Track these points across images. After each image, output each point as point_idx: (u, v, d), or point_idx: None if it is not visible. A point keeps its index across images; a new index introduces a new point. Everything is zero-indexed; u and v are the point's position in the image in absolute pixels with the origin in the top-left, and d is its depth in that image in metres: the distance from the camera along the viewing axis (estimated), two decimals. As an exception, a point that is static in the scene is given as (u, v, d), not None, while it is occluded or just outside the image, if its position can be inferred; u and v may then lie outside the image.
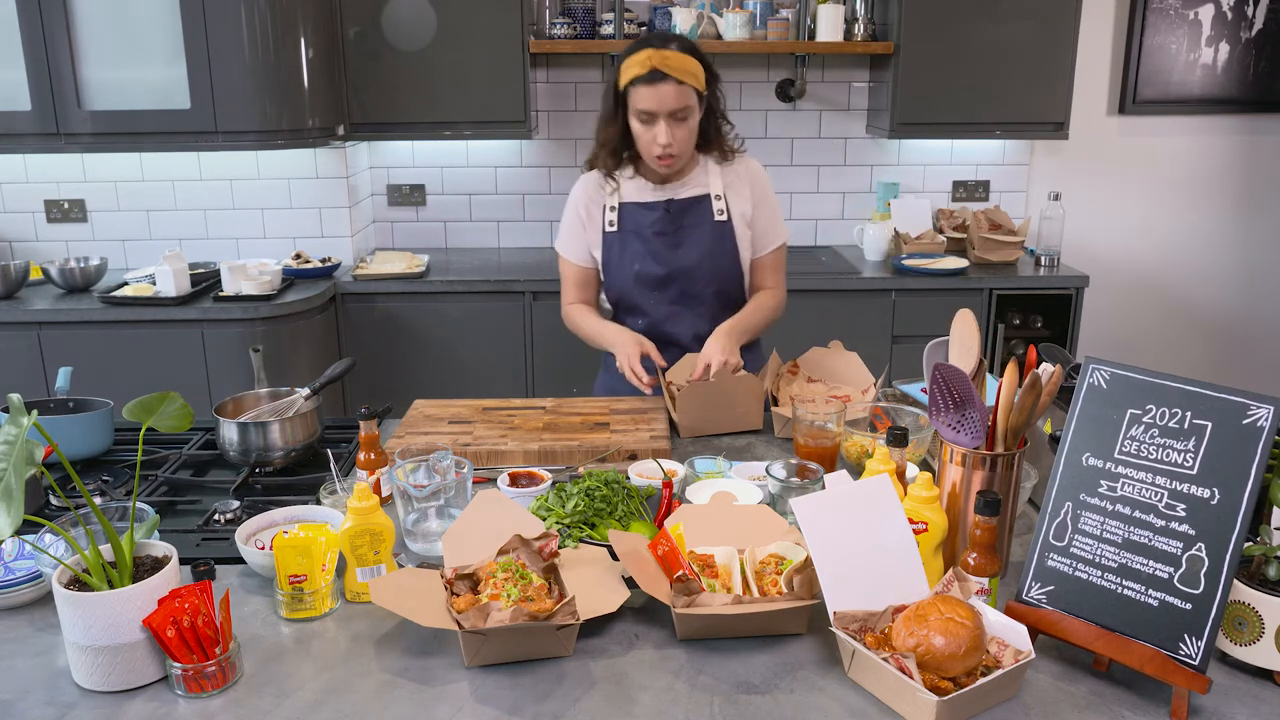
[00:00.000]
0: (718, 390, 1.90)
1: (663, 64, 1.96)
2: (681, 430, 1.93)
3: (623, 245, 2.15)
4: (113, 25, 3.07)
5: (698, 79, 2.01)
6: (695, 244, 2.13)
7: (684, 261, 2.13)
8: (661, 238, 2.12)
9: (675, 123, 2.01)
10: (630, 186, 2.16)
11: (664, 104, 1.99)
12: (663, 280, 2.14)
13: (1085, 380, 1.22)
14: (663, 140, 2.01)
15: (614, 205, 2.15)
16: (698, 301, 2.16)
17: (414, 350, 3.44)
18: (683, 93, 1.99)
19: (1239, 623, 1.15)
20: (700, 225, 2.13)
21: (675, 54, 1.99)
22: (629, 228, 2.14)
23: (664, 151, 2.03)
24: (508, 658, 1.20)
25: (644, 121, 2.03)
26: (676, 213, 2.13)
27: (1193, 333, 4.24)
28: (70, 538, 1.17)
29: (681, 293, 2.15)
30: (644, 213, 2.14)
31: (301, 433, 1.79)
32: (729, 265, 2.16)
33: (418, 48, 3.41)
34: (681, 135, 2.03)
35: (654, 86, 1.98)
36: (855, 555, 1.22)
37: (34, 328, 3.08)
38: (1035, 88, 3.56)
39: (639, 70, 1.98)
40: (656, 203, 2.14)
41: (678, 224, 2.13)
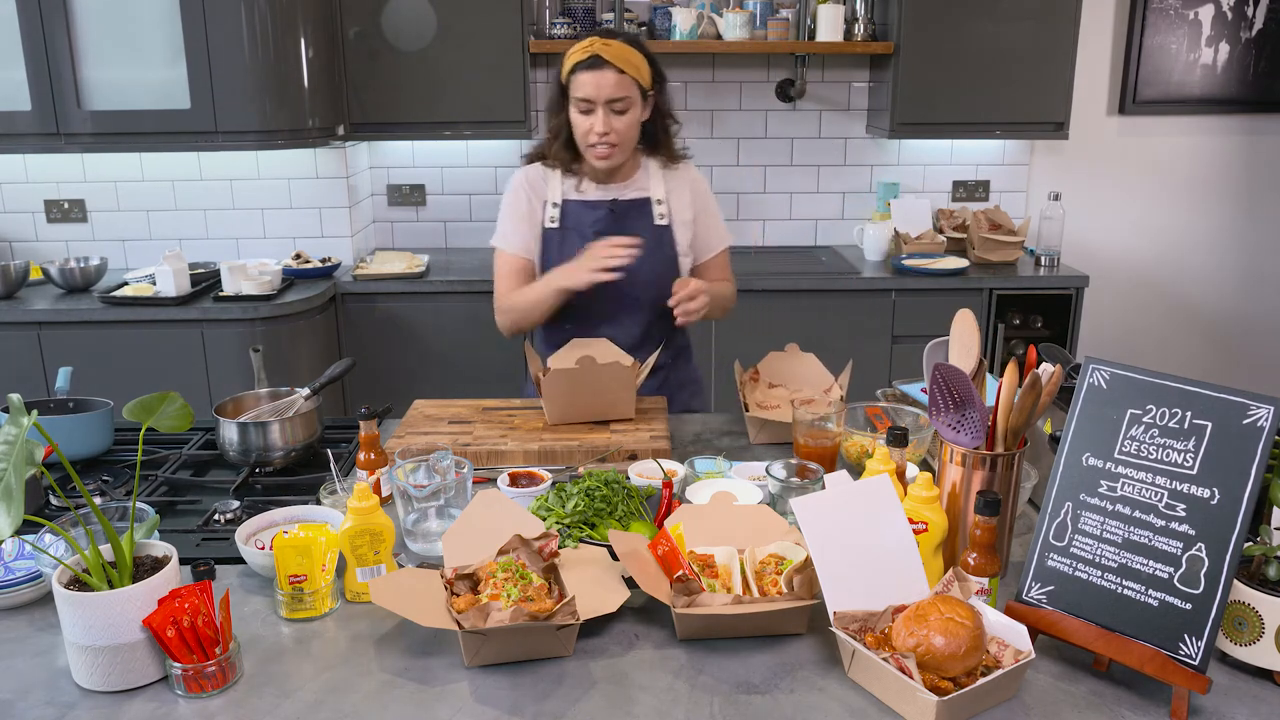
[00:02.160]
0: (585, 378, 1.86)
1: (603, 50, 1.96)
2: (549, 417, 1.89)
3: (562, 242, 2.11)
4: (113, 25, 3.07)
5: (640, 72, 1.99)
6: None
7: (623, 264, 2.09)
8: (602, 238, 2.05)
9: (613, 113, 1.99)
10: (572, 184, 2.13)
11: (602, 91, 1.96)
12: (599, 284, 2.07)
13: (1085, 380, 1.22)
14: (599, 128, 1.98)
15: (556, 201, 2.11)
16: (634, 305, 2.13)
17: (414, 350, 3.44)
18: (622, 82, 1.97)
19: (1239, 623, 1.15)
20: (641, 228, 2.11)
21: (618, 44, 1.98)
22: (570, 225, 2.10)
23: (599, 140, 2.00)
24: (508, 658, 1.20)
25: (583, 110, 2.00)
26: (620, 214, 2.11)
27: (1193, 333, 4.24)
28: (70, 538, 1.17)
29: (619, 294, 2.09)
30: (587, 211, 2.11)
31: (301, 433, 1.79)
32: (667, 270, 2.14)
33: (418, 48, 3.41)
34: (620, 127, 2.00)
35: (593, 72, 1.96)
36: (855, 555, 1.22)
37: (34, 328, 3.08)
38: (1035, 88, 3.56)
39: (580, 56, 1.97)
40: (601, 202, 2.11)
41: (620, 225, 2.10)
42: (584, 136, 2.02)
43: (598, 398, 1.88)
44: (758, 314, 3.45)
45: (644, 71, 2.01)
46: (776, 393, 2.04)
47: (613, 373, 1.87)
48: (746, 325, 3.45)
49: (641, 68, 2.00)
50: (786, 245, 4.02)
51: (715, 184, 3.96)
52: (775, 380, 2.07)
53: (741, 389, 2.01)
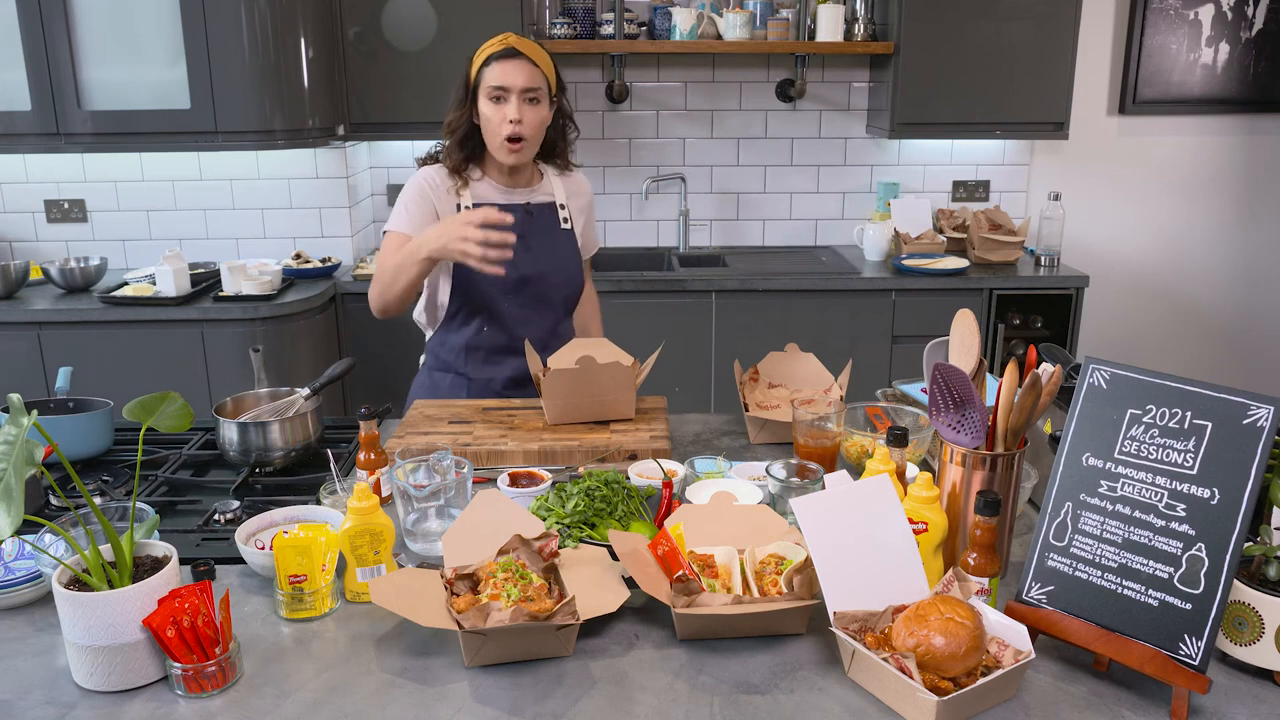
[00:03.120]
0: (585, 378, 1.86)
1: (518, 43, 2.00)
2: (549, 417, 1.89)
3: None
4: (113, 25, 3.07)
5: (550, 72, 2.05)
6: (548, 250, 2.14)
7: (539, 266, 2.11)
8: (520, 240, 2.03)
9: (526, 102, 2.00)
10: (480, 187, 2.11)
11: (517, 80, 1.98)
12: (518, 283, 2.09)
13: (1085, 380, 1.22)
14: (513, 115, 1.98)
15: (468, 205, 2.07)
16: (548, 306, 2.16)
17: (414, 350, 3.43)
18: (535, 74, 2.00)
19: (1239, 623, 1.15)
20: (551, 232, 2.15)
21: (530, 40, 2.03)
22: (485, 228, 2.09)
23: (514, 131, 1.99)
24: (508, 658, 1.20)
25: (495, 100, 2.00)
26: (535, 216, 2.13)
27: (1193, 332, 4.24)
28: (70, 538, 1.17)
29: (533, 296, 2.13)
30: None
31: (301, 433, 1.79)
32: (574, 272, 2.21)
33: (418, 48, 3.41)
34: (530, 118, 2.01)
35: (508, 62, 1.99)
36: (855, 555, 1.22)
37: (34, 328, 3.09)
38: (1035, 88, 3.56)
39: (495, 48, 2.01)
40: (514, 205, 2.10)
41: (534, 228, 2.12)
42: (497, 127, 2.01)
43: (597, 398, 1.88)
44: (758, 314, 3.45)
45: (552, 73, 2.06)
46: (776, 393, 2.04)
47: (612, 373, 1.87)
48: (746, 325, 3.46)
49: (551, 68, 2.06)
50: (786, 245, 4.02)
51: (715, 184, 3.97)
52: (775, 380, 2.07)
53: (741, 389, 2.01)
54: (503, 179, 2.13)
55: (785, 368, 2.08)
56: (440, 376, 2.21)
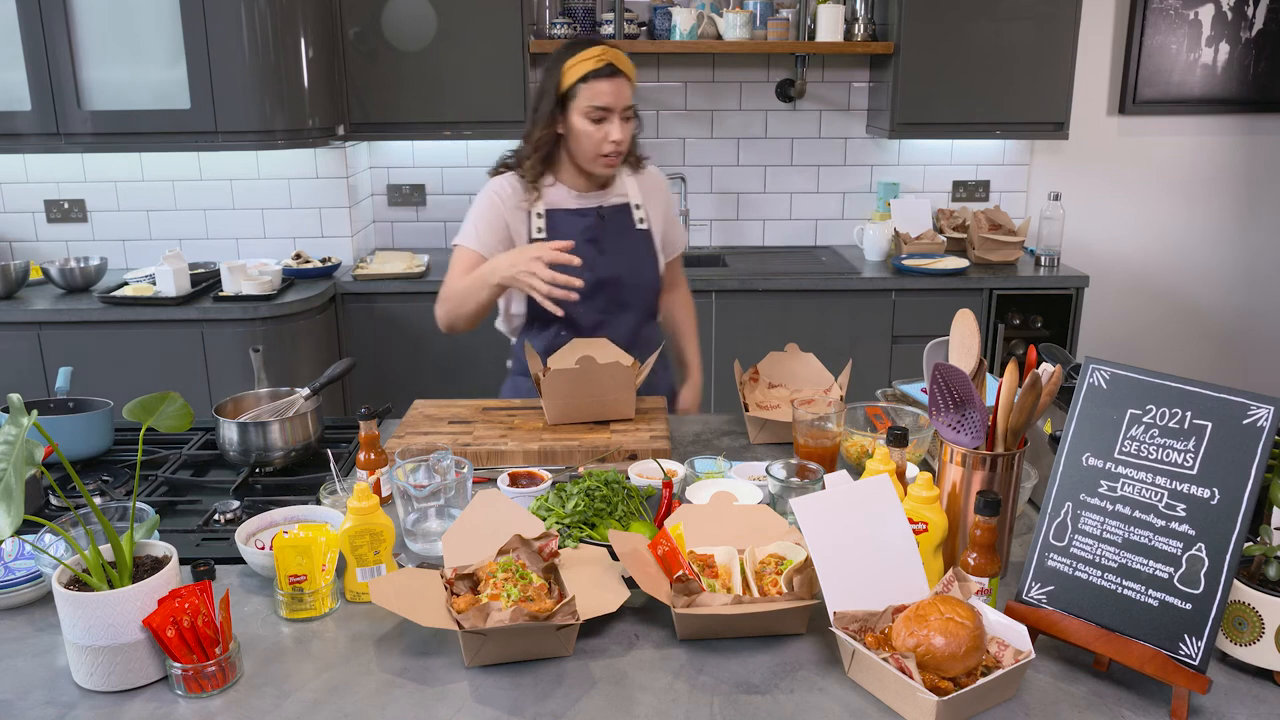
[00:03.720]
0: (585, 378, 1.86)
1: (617, 60, 1.99)
2: (549, 417, 1.89)
3: None
4: (113, 25, 3.07)
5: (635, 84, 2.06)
6: (623, 252, 2.13)
7: (613, 270, 2.10)
8: (592, 245, 2.07)
9: (623, 120, 2.02)
10: (553, 194, 2.11)
11: (620, 99, 1.99)
12: (594, 287, 2.07)
13: (1085, 380, 1.22)
14: (616, 136, 2.00)
15: (540, 212, 2.08)
16: (623, 310, 2.14)
17: (414, 350, 3.44)
18: (631, 90, 2.03)
19: (1239, 623, 1.15)
20: (626, 234, 2.14)
21: (621, 53, 2.01)
22: (560, 234, 2.07)
23: (615, 150, 2.02)
24: (508, 658, 1.20)
25: (596, 120, 1.99)
26: (608, 219, 2.12)
27: (1193, 332, 4.24)
28: (70, 538, 1.17)
29: (609, 301, 2.11)
30: (575, 220, 2.09)
31: (301, 433, 1.79)
32: (651, 273, 2.18)
33: (418, 48, 3.40)
34: (629, 135, 2.05)
35: (611, 81, 1.98)
36: (855, 555, 1.22)
37: (34, 328, 3.08)
38: (1035, 88, 3.56)
39: (594, 65, 1.97)
40: (588, 209, 2.11)
41: (609, 231, 2.12)
42: (597, 145, 2.01)
43: (598, 398, 1.88)
44: (758, 314, 3.45)
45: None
46: (776, 393, 2.04)
47: (613, 373, 1.87)
48: (746, 325, 3.45)
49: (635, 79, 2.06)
50: (786, 245, 4.02)
51: (715, 184, 3.97)
52: (775, 380, 2.07)
53: (741, 389, 2.02)
54: (578, 184, 2.11)
55: (785, 368, 2.08)
56: (521, 380, 2.20)
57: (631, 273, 2.14)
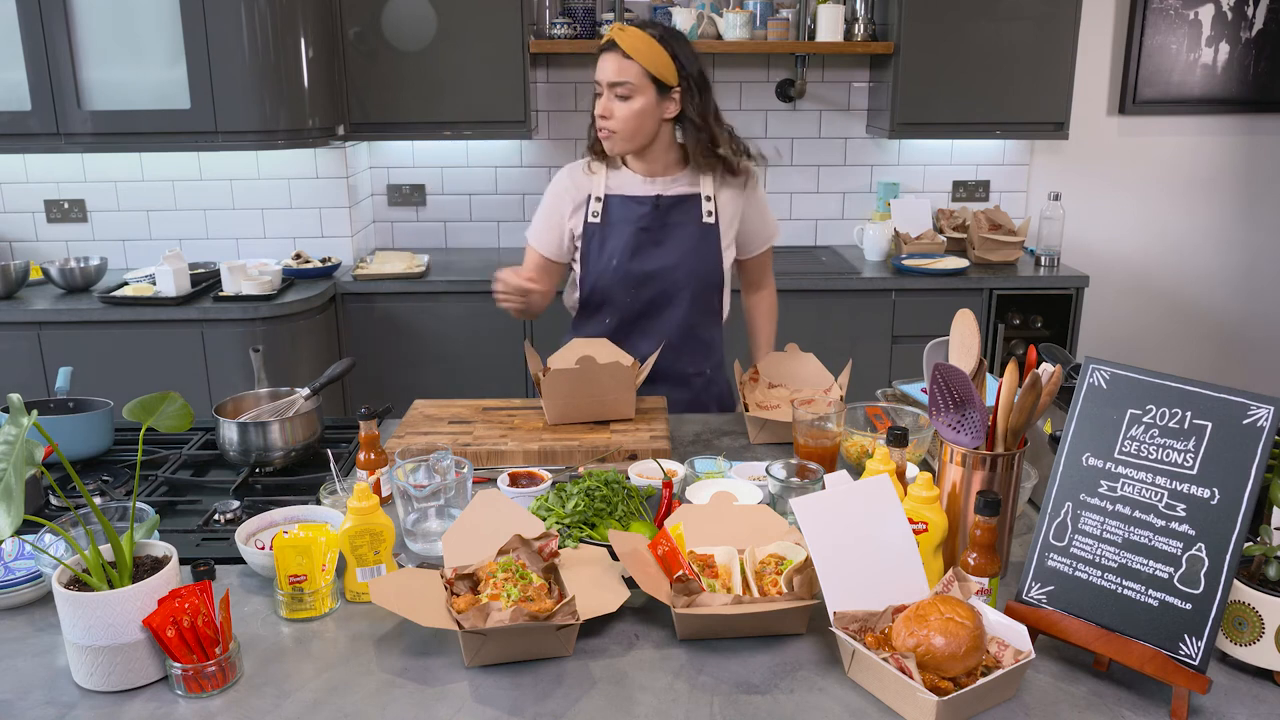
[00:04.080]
0: (584, 378, 1.86)
1: (617, 35, 1.97)
2: (549, 417, 1.89)
3: (604, 237, 2.09)
4: (113, 25, 3.07)
5: (653, 63, 1.95)
6: (679, 243, 2.09)
7: (665, 260, 2.08)
8: (645, 233, 2.06)
9: (616, 98, 1.98)
10: (618, 179, 2.11)
11: (604, 74, 1.98)
12: (641, 277, 2.08)
13: (1085, 380, 1.22)
14: (600, 110, 2.00)
15: (599, 196, 2.09)
16: (673, 302, 2.11)
17: (414, 350, 3.44)
18: (625, 67, 1.96)
19: (1239, 623, 1.15)
20: (686, 224, 2.09)
21: (633, 30, 1.97)
22: (613, 220, 2.08)
23: (600, 124, 2.01)
24: (508, 658, 1.20)
25: (596, 94, 2.02)
26: (665, 209, 2.08)
27: (1193, 332, 4.24)
28: (70, 538, 1.17)
29: (659, 291, 2.10)
30: (631, 206, 2.09)
31: (301, 433, 1.79)
32: (710, 268, 2.11)
33: (418, 48, 3.40)
34: (620, 113, 1.98)
35: (603, 56, 1.99)
36: (855, 555, 1.22)
37: (34, 328, 3.08)
38: (1035, 88, 3.56)
39: (603, 40, 2.00)
40: (646, 197, 2.09)
41: (664, 220, 2.08)
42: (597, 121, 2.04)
43: (598, 398, 1.88)
44: (758, 314, 3.45)
45: (659, 64, 1.96)
46: (776, 393, 2.04)
47: (612, 373, 1.87)
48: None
49: (656, 59, 1.95)
50: (786, 245, 4.02)
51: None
52: (775, 380, 2.07)
53: (741, 389, 2.02)
54: (641, 168, 2.10)
55: (785, 368, 2.08)
56: None
57: (684, 265, 2.08)
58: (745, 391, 2.01)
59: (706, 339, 2.18)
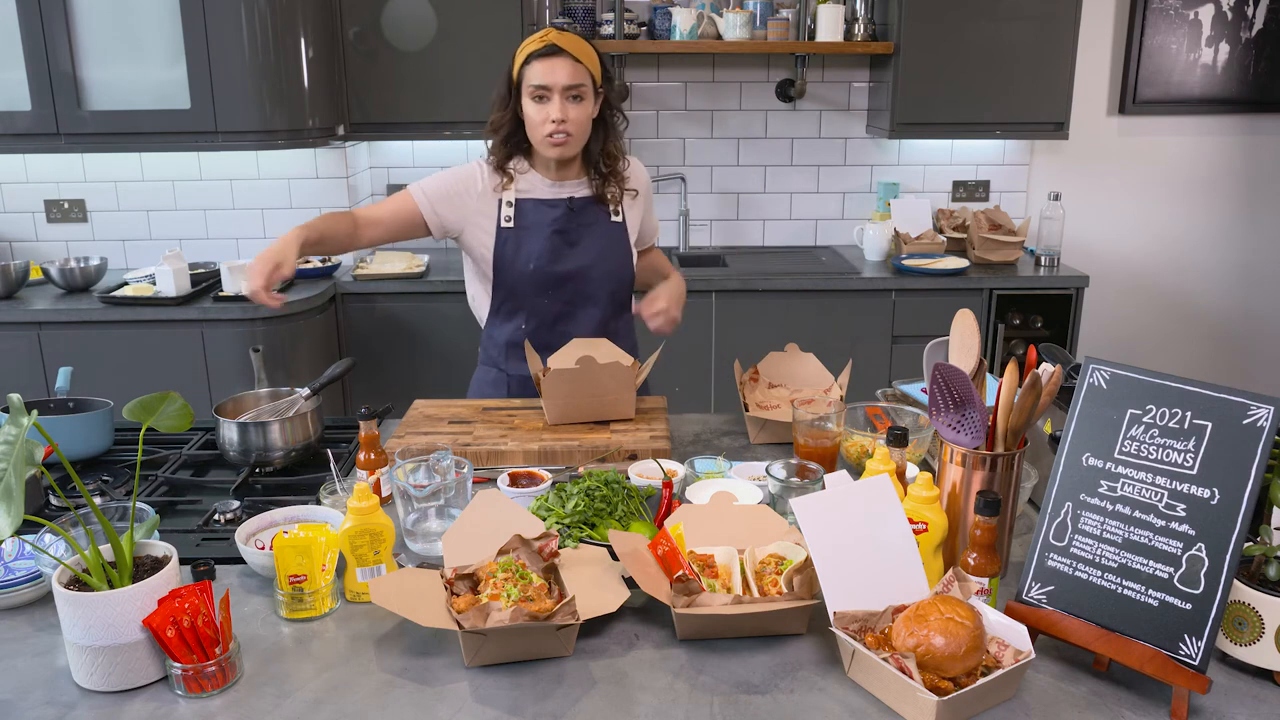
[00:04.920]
0: (585, 378, 1.86)
1: (559, 39, 1.96)
2: (549, 417, 1.89)
3: (518, 242, 2.07)
4: (113, 25, 3.07)
5: (593, 65, 1.99)
6: (592, 244, 2.10)
7: (581, 261, 2.09)
8: (560, 235, 2.07)
9: (569, 101, 1.97)
10: (525, 181, 2.09)
11: (558, 78, 1.95)
12: (558, 279, 2.08)
13: (1085, 380, 1.22)
14: (555, 115, 1.96)
15: (510, 200, 2.07)
16: (590, 302, 2.12)
17: (414, 350, 3.44)
18: (578, 70, 1.96)
19: (1239, 623, 1.15)
20: (597, 225, 2.10)
21: (571, 34, 1.99)
22: (526, 224, 2.07)
23: (556, 129, 1.97)
24: (508, 658, 1.20)
25: (537, 99, 1.98)
26: (578, 210, 2.09)
27: (1193, 332, 4.24)
28: (70, 538, 1.17)
29: (575, 292, 2.10)
30: (544, 209, 2.08)
31: (301, 433, 1.79)
32: (622, 267, 2.14)
33: (418, 48, 3.40)
34: (575, 115, 1.98)
35: (548, 60, 1.95)
36: (855, 555, 1.22)
37: (34, 328, 3.08)
38: (1035, 88, 3.56)
39: (536, 46, 1.97)
40: (558, 200, 2.09)
41: (577, 222, 2.09)
42: (540, 126, 1.98)
43: (598, 398, 1.88)
44: (758, 314, 3.45)
45: (597, 67, 2.01)
46: (776, 393, 2.04)
47: (612, 373, 1.87)
48: (746, 325, 3.46)
49: (595, 63, 2.01)
50: (786, 245, 4.02)
51: (715, 184, 3.96)
52: (775, 380, 2.07)
53: (741, 389, 2.02)
54: (549, 173, 2.09)
55: (785, 368, 2.08)
56: (485, 371, 2.21)
57: (599, 265, 2.10)
58: (745, 392, 2.01)
59: (617, 330, 2.19)
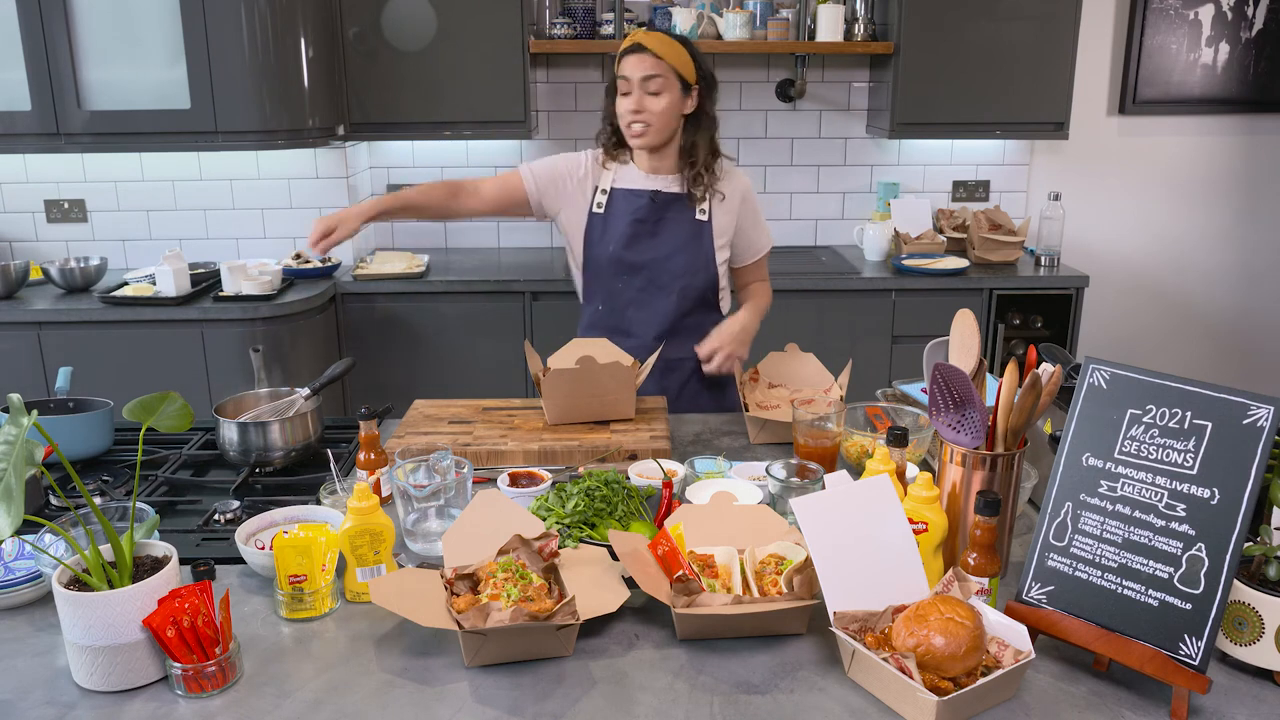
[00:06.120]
0: (585, 378, 1.87)
1: (643, 38, 2.08)
2: (549, 417, 1.90)
3: (605, 227, 2.20)
4: (113, 25, 3.07)
5: (679, 62, 2.08)
6: (671, 237, 2.19)
7: (657, 251, 2.18)
8: (640, 224, 2.17)
9: (648, 94, 2.08)
10: (623, 172, 2.22)
11: (636, 70, 2.07)
12: (634, 266, 2.19)
13: (1085, 380, 1.22)
14: (631, 105, 2.09)
15: (606, 188, 2.21)
16: (664, 293, 2.20)
17: (414, 350, 3.44)
18: (657, 64, 2.07)
19: (1239, 623, 1.15)
20: (680, 220, 2.19)
21: (659, 34, 2.10)
22: (613, 211, 2.19)
23: (633, 119, 2.09)
24: (508, 658, 1.20)
25: (622, 91, 2.11)
26: (661, 204, 2.18)
27: (1192, 332, 4.24)
28: (70, 538, 1.17)
29: (649, 282, 2.19)
30: (632, 199, 2.19)
31: (301, 433, 1.79)
32: (701, 264, 2.21)
33: (418, 48, 3.40)
34: (654, 107, 2.08)
35: (631, 56, 2.08)
36: (855, 555, 1.22)
37: (34, 328, 3.08)
38: (1035, 88, 3.56)
39: (625, 45, 2.10)
40: (644, 191, 2.19)
41: (659, 215, 2.18)
42: (622, 116, 2.12)
43: (598, 398, 1.88)
44: (758, 314, 3.45)
45: (684, 63, 2.09)
46: (776, 393, 2.04)
47: (612, 373, 1.87)
48: (746, 325, 3.45)
49: (681, 59, 2.09)
50: (786, 245, 4.02)
51: (715, 184, 3.95)
52: (775, 380, 2.07)
53: (741, 389, 2.02)
54: (645, 165, 2.20)
55: (785, 368, 2.08)
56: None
57: (675, 258, 2.18)
58: (745, 392, 2.01)
59: (693, 326, 2.22)
